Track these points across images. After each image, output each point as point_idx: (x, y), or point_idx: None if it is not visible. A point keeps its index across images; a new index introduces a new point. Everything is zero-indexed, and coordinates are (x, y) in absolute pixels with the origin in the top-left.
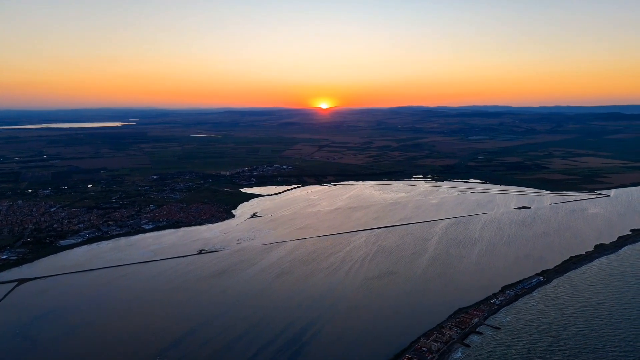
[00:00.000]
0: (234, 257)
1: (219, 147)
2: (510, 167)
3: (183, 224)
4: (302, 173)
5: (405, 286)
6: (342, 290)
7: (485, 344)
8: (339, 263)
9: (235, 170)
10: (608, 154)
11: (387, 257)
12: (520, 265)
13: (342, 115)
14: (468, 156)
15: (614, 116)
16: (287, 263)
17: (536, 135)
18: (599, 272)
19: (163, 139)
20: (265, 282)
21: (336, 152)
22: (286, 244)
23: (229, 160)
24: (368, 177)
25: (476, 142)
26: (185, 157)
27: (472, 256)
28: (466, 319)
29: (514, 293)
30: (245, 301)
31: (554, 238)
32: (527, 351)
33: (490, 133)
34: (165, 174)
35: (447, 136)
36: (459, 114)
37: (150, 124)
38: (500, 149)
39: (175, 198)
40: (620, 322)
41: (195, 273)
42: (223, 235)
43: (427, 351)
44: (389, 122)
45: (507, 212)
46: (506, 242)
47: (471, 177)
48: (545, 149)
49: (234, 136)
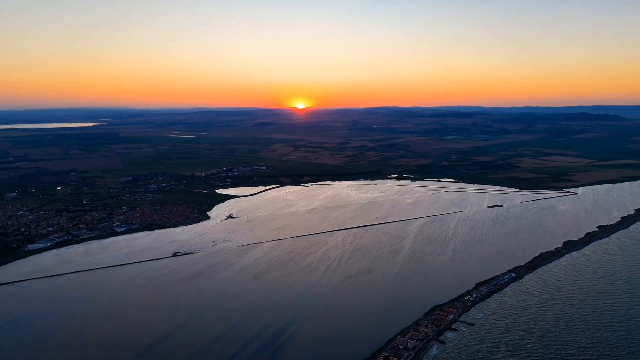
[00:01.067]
0: (209, 259)
1: (193, 147)
2: (482, 166)
3: (157, 226)
4: (279, 173)
5: (382, 284)
6: (319, 290)
7: (459, 340)
8: (316, 263)
9: (211, 171)
10: (575, 153)
11: (364, 256)
12: (493, 262)
13: (318, 115)
14: (442, 156)
15: (580, 116)
16: (264, 264)
17: (507, 135)
18: (567, 268)
19: (135, 140)
20: (242, 283)
21: (312, 153)
22: (263, 245)
23: (204, 161)
24: (344, 177)
25: (450, 142)
26: (159, 158)
27: (447, 254)
28: (441, 316)
29: (487, 290)
30: (222, 303)
31: (525, 235)
32: (497, 345)
33: (464, 133)
34: (138, 176)
35: (421, 136)
36: (433, 115)
37: (122, 125)
38: (473, 149)
39: (148, 200)
40: (587, 315)
41: (170, 276)
42: (198, 237)
43: (404, 349)
44: (365, 122)
45: (480, 211)
46: (479, 240)
47: (445, 177)
48: (516, 149)
49: (209, 136)
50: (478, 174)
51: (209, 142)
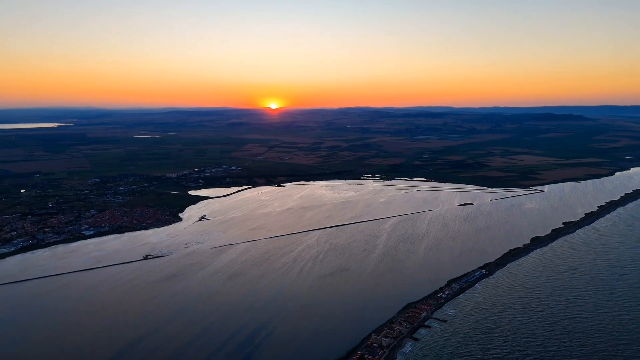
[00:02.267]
0: (182, 262)
1: (164, 148)
2: (453, 165)
3: (127, 229)
4: (252, 174)
5: (357, 283)
6: (294, 290)
7: (432, 336)
8: (292, 263)
9: (182, 172)
10: (542, 152)
11: (339, 255)
12: (464, 259)
13: (292, 115)
14: (414, 155)
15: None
16: (239, 265)
17: (477, 135)
18: (535, 263)
19: (104, 141)
20: (216, 285)
21: (286, 153)
22: (237, 246)
23: (175, 162)
24: (319, 177)
25: (421, 141)
26: (129, 159)
27: (420, 252)
28: (415, 313)
29: (459, 286)
30: (196, 306)
31: (495, 232)
32: (467, 340)
33: (435, 133)
34: (107, 177)
35: (394, 136)
36: (405, 115)
37: (89, 125)
38: (444, 148)
39: (118, 202)
40: (553, 308)
41: (141, 279)
42: (170, 239)
43: (378, 347)
44: (338, 122)
45: (452, 209)
46: (451, 237)
47: (417, 176)
48: (486, 148)
49: (180, 137)
50: (449, 173)
51: (180, 142)
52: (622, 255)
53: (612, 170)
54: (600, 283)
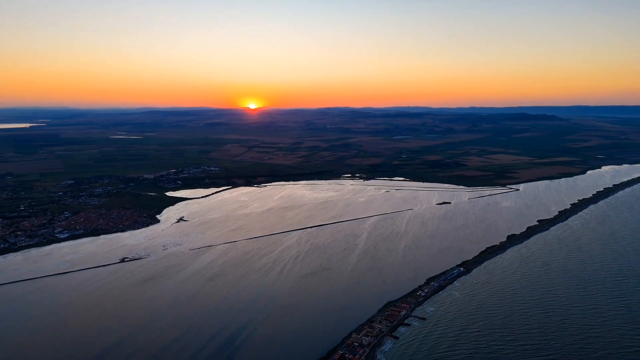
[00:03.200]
0: (160, 264)
1: (141, 148)
2: (431, 165)
3: (103, 231)
4: (231, 174)
5: (338, 282)
6: (275, 291)
7: (412, 334)
8: (272, 263)
9: (160, 172)
10: (517, 152)
11: (319, 254)
12: (443, 257)
13: (271, 115)
14: (393, 155)
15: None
16: (218, 266)
17: (454, 135)
18: (511, 260)
19: (78, 141)
20: (195, 287)
21: (266, 153)
22: (216, 248)
23: (153, 163)
24: (299, 177)
25: (400, 141)
26: (104, 160)
27: (399, 250)
28: (395, 311)
29: (438, 284)
30: (175, 308)
31: (472, 230)
32: (444, 336)
33: (413, 133)
34: (82, 179)
35: (373, 136)
36: (384, 115)
37: (63, 125)
38: (423, 148)
39: (93, 204)
40: (528, 303)
41: (118, 282)
42: (147, 241)
43: (359, 346)
44: (318, 122)
45: (430, 208)
46: (430, 236)
47: (396, 175)
48: (463, 147)
49: (158, 137)
50: (427, 173)
51: (157, 143)
52: (594, 251)
53: (584, 169)
54: (573, 279)
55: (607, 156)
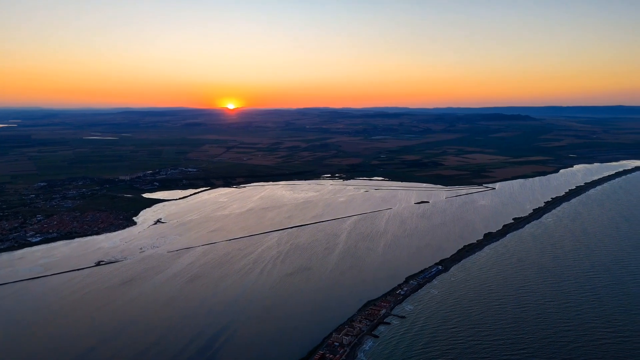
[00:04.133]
0: (137, 267)
1: (116, 149)
2: (410, 164)
3: (77, 235)
4: (210, 175)
5: (318, 282)
6: (255, 292)
7: (391, 333)
8: (252, 264)
9: (136, 174)
10: (493, 151)
11: (300, 254)
12: (421, 255)
13: (250, 115)
14: (372, 155)
15: (496, 117)
16: (197, 268)
17: (432, 135)
18: (488, 258)
19: (51, 142)
20: (173, 290)
21: (245, 153)
22: (195, 250)
23: (129, 164)
24: (278, 178)
25: (379, 141)
26: (78, 162)
27: (379, 249)
28: (374, 310)
29: (417, 283)
30: (152, 312)
31: (450, 228)
32: (422, 333)
33: (392, 133)
34: (55, 181)
35: (352, 136)
36: (363, 115)
37: (35, 126)
38: (401, 148)
39: (67, 207)
40: (504, 299)
41: (94, 286)
42: (124, 244)
43: (339, 345)
44: (297, 122)
45: (409, 207)
46: (408, 235)
47: (375, 175)
48: (440, 147)
49: (134, 138)
50: (406, 172)
51: (133, 143)
52: (567, 247)
53: (557, 167)
54: (547, 274)
55: (579, 155)
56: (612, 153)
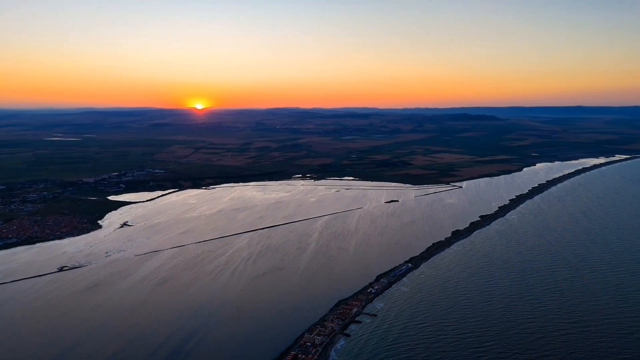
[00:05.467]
0: (103, 271)
1: (80, 151)
2: (380, 164)
3: (38, 239)
4: (178, 177)
5: (290, 283)
6: (227, 293)
7: (363, 331)
8: (223, 266)
9: (101, 176)
10: (460, 150)
11: (272, 255)
12: (392, 253)
13: (219, 115)
14: (342, 155)
15: (463, 117)
16: (166, 272)
17: (401, 135)
18: (456, 255)
19: (9, 144)
20: (141, 294)
21: (214, 154)
22: (164, 253)
23: (93, 166)
24: (248, 179)
25: (349, 141)
26: (39, 164)
27: (350, 248)
28: (346, 310)
29: (387, 281)
30: (119, 317)
31: (419, 227)
32: (392, 329)
33: (361, 133)
34: (14, 184)
35: (323, 136)
36: (333, 115)
37: None
38: (371, 148)
39: (27, 210)
40: (471, 294)
41: (57, 292)
42: (89, 248)
43: (311, 345)
44: (268, 122)
45: (379, 206)
46: (379, 233)
47: (346, 175)
48: (409, 147)
49: (98, 139)
50: (376, 172)
51: (98, 145)
52: (530, 243)
53: (520, 166)
54: (511, 269)
55: (541, 154)
56: (572, 152)
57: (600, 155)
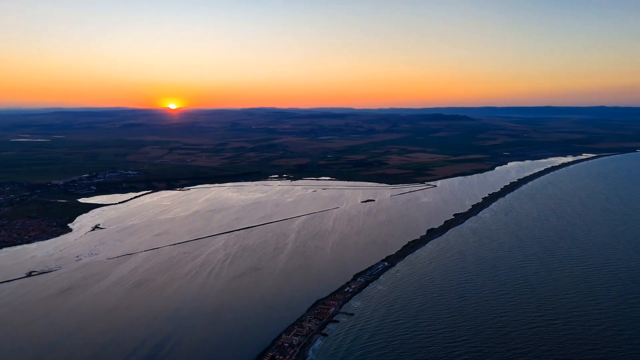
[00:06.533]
0: (74, 276)
1: (48, 152)
2: (356, 164)
3: (5, 244)
4: (152, 178)
5: (267, 283)
6: (203, 295)
7: (340, 330)
8: (199, 268)
9: (71, 178)
10: (434, 150)
11: (249, 256)
12: (368, 252)
13: (193, 116)
14: (319, 155)
15: (436, 117)
16: (140, 275)
17: (376, 135)
18: (431, 253)
19: None
20: (114, 298)
21: (189, 155)
22: (138, 255)
23: (62, 167)
24: (224, 179)
25: (325, 141)
26: (5, 166)
27: (327, 248)
28: (324, 309)
29: (364, 280)
30: (91, 323)
31: (395, 225)
32: (367, 327)
33: (338, 133)
34: None
35: (299, 136)
36: (309, 116)
37: None
38: (347, 148)
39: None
40: (446, 290)
41: (25, 298)
42: (59, 252)
43: (289, 346)
44: (243, 123)
45: (355, 205)
46: (356, 232)
47: (323, 175)
48: (384, 147)
49: (68, 140)
50: (352, 172)
51: (67, 146)
52: (502, 239)
53: (492, 165)
54: (484, 265)
55: (512, 153)
56: (541, 151)
57: (568, 154)
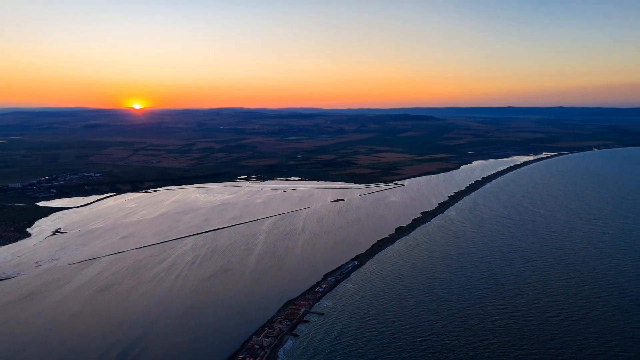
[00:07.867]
0: (34, 282)
1: (4, 154)
2: (325, 164)
3: None
4: (115, 180)
5: (237, 285)
6: (171, 299)
7: (311, 330)
8: (166, 271)
9: (29, 181)
10: (401, 150)
11: (218, 257)
12: (338, 251)
13: (159, 116)
14: (288, 155)
15: (404, 117)
16: (105, 279)
17: (345, 135)
18: (399, 251)
19: None
20: (78, 303)
21: (154, 156)
22: (101, 260)
23: (20, 170)
24: (192, 181)
25: (295, 142)
26: None
27: (298, 248)
28: (294, 310)
29: (335, 279)
30: (55, 328)
31: (365, 224)
32: (336, 325)
33: (307, 133)
34: None
35: (268, 137)
36: (278, 116)
37: None
38: (316, 148)
39: None
40: (414, 287)
41: None
42: (17, 258)
43: (260, 348)
44: (211, 123)
45: (325, 205)
46: (326, 232)
47: (292, 175)
48: (353, 147)
49: (25, 141)
50: (321, 172)
51: (25, 147)
52: (467, 236)
53: (458, 164)
54: (451, 262)
55: (477, 152)
56: (504, 150)
57: (529, 153)
